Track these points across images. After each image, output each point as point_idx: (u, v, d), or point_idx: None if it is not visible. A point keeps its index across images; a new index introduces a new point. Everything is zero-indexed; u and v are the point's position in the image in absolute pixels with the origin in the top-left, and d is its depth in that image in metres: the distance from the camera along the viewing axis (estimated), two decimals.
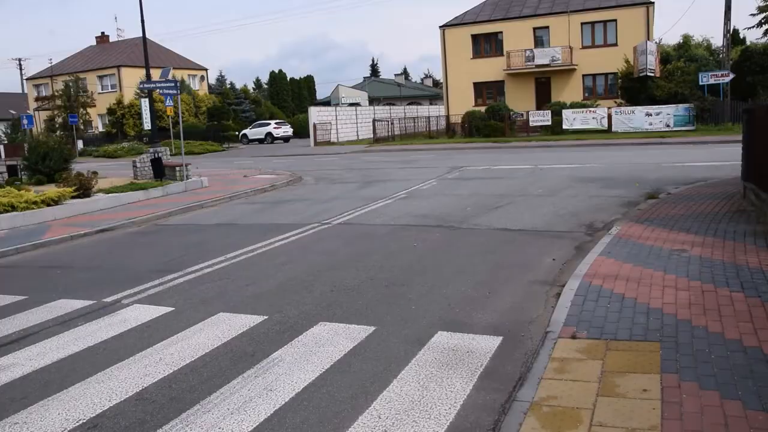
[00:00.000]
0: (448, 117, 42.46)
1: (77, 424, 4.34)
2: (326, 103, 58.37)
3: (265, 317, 6.31)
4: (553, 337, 5.20)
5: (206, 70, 70.12)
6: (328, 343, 5.53)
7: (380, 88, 72.72)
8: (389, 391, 4.53)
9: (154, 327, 6.29)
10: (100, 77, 62.05)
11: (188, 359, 5.35)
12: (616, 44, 37.87)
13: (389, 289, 7.10)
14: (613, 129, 32.90)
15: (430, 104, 67.01)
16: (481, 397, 4.40)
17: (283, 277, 7.95)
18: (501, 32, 41.22)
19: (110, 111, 57.04)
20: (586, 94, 39.43)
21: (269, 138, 51.60)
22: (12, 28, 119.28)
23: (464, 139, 36.87)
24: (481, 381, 4.63)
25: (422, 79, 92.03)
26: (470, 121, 37.34)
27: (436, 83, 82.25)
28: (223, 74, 74.97)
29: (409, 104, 65.03)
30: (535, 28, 40.47)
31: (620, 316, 5.53)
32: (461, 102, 41.17)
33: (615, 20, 38.16)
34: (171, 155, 23.04)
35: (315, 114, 44.69)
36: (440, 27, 42.67)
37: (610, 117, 33.26)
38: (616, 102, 35.79)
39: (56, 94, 56.15)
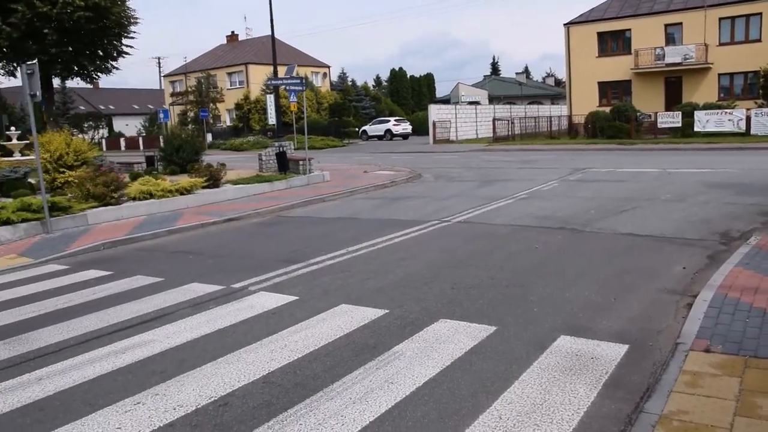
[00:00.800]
0: (570, 117, 41.29)
1: (210, 400, 4.57)
2: (446, 101, 58.35)
3: (386, 311, 6.39)
4: (684, 349, 4.95)
5: (329, 67, 71.96)
6: (448, 340, 5.54)
7: (501, 87, 71.85)
8: (510, 392, 4.48)
9: (279, 314, 6.52)
10: (229, 74, 65.06)
11: (312, 347, 5.51)
12: (759, 40, 35.41)
13: (510, 290, 7.01)
14: (752, 132, 30.71)
15: (552, 104, 65.48)
16: (606, 405, 4.26)
17: (403, 272, 8.03)
18: (629, 30, 39.57)
19: (237, 106, 59.75)
20: (722, 95, 37.09)
21: (388, 135, 52.20)
22: (153, 29, 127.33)
23: (587, 140, 35.72)
24: (606, 389, 4.48)
25: (544, 78, 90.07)
26: (594, 122, 36.12)
27: (558, 82, 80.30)
28: (344, 71, 76.35)
29: (529, 103, 63.87)
30: (666, 25, 38.55)
31: (761, 332, 5.18)
32: (585, 102, 39.91)
33: (760, 14, 35.62)
34: (294, 149, 23.78)
35: (434, 112, 44.78)
36: (565, 25, 41.57)
37: (748, 119, 31.07)
38: (756, 103, 33.45)
39: (189, 90, 59.48)
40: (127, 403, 4.59)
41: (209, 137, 51.08)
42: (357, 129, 54.79)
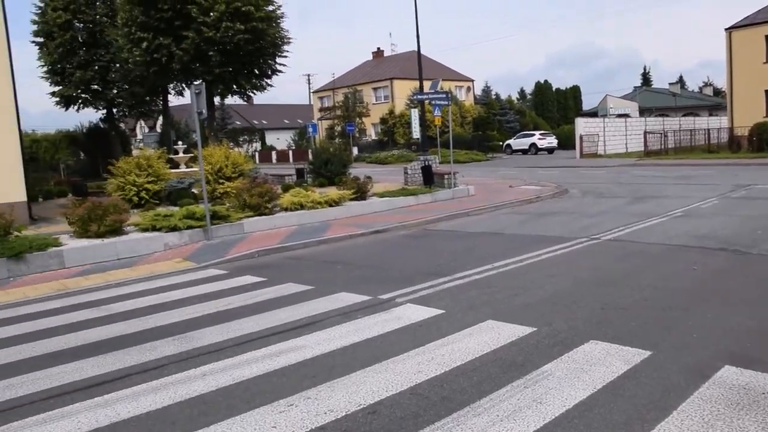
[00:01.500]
0: (731, 129, 38.52)
1: (359, 407, 4.69)
2: (593, 113, 56.38)
3: (534, 329, 6.26)
4: None
5: (472, 81, 71.89)
6: (599, 362, 5.33)
7: (652, 98, 68.41)
8: (668, 423, 4.22)
9: (425, 327, 6.58)
10: (375, 89, 66.71)
11: (458, 362, 5.50)
12: None
13: (666, 313, 6.64)
14: None
15: (710, 115, 61.38)
16: None
17: (551, 289, 7.84)
18: None
19: (382, 120, 61.11)
20: None
21: (533, 149, 51.28)
22: (305, 48, 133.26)
23: (752, 153, 33.16)
24: None
25: (700, 88, 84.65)
26: (760, 134, 33.48)
27: (717, 92, 75.20)
28: (488, 85, 76.24)
29: (684, 115, 60.26)
30: None
31: None
32: (749, 112, 37.07)
33: None
34: (438, 163, 23.96)
35: (581, 125, 43.45)
36: (726, 29, 38.94)
37: None
38: None
39: (336, 105, 61.73)
40: (282, 404, 4.80)
41: (355, 151, 52.62)
42: (501, 143, 54.29)
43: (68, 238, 12.71)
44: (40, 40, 35.49)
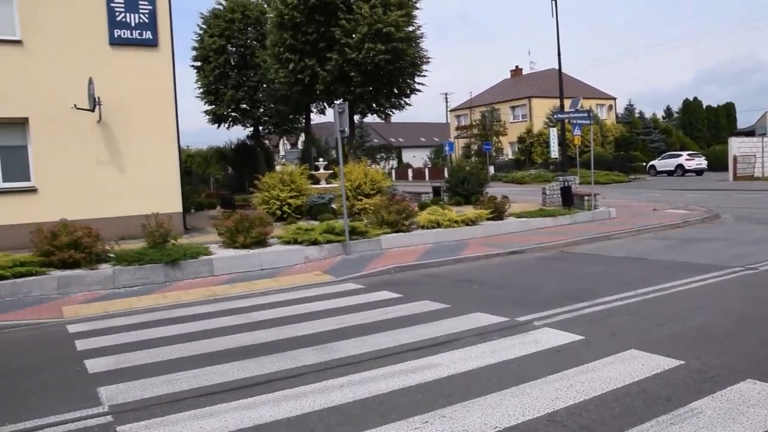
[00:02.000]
0: None
1: (494, 430, 4.61)
2: (749, 132, 52.55)
3: (682, 362, 5.90)
4: None
5: (614, 99, 69.43)
6: (759, 404, 4.93)
7: None
8: None
9: (563, 352, 6.39)
10: (512, 108, 66.02)
11: (598, 391, 5.30)
12: None
13: None
14: None
15: None
16: None
17: (701, 321, 7.37)
18: None
19: (520, 139, 60.30)
20: None
21: (680, 170, 48.56)
22: (443, 67, 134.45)
23: None
24: None
25: None
26: None
27: None
28: (631, 103, 72.69)
29: None
30: None
31: None
32: None
33: None
34: (578, 184, 23.30)
35: (735, 145, 40.64)
36: None
37: None
38: None
39: (473, 123, 61.65)
40: (416, 421, 4.83)
41: (491, 170, 52.24)
42: (644, 164, 51.82)
43: (217, 247, 13.53)
44: (198, 64, 38.25)
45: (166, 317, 9.05)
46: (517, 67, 74.75)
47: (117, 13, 16.15)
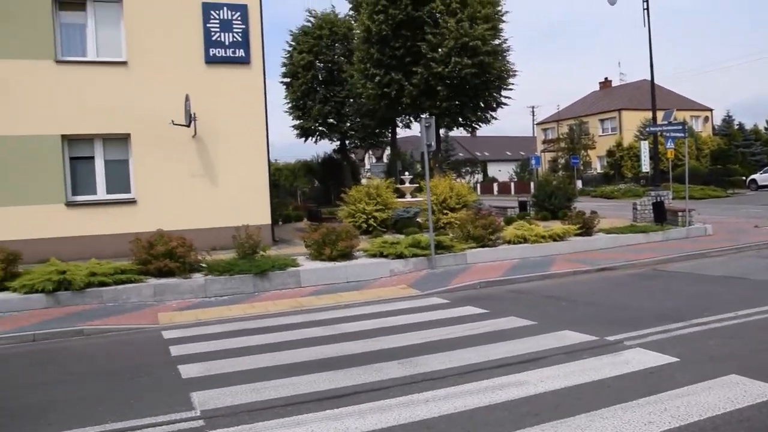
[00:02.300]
0: None
1: None
2: None
3: None
4: None
5: (711, 110, 66.58)
6: None
7: None
8: None
9: (657, 374, 6.14)
10: (601, 120, 64.35)
11: (695, 417, 5.05)
12: None
13: None
14: None
15: None
16: None
17: None
18: None
19: (609, 153, 58.60)
20: None
21: None
22: (530, 80, 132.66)
23: None
24: None
25: None
26: None
27: None
28: (729, 114, 69.31)
29: None
30: None
31: None
32: None
33: None
34: (671, 199, 22.45)
35: None
36: None
37: None
38: None
39: (560, 137, 60.43)
40: None
41: (579, 184, 51.02)
42: (744, 178, 49.33)
43: (304, 259, 13.80)
44: (287, 80, 39.32)
45: (255, 327, 9.29)
46: (606, 78, 72.89)
47: (212, 33, 16.84)
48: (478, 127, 34.76)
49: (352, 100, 37.67)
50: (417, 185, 23.77)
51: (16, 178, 15.47)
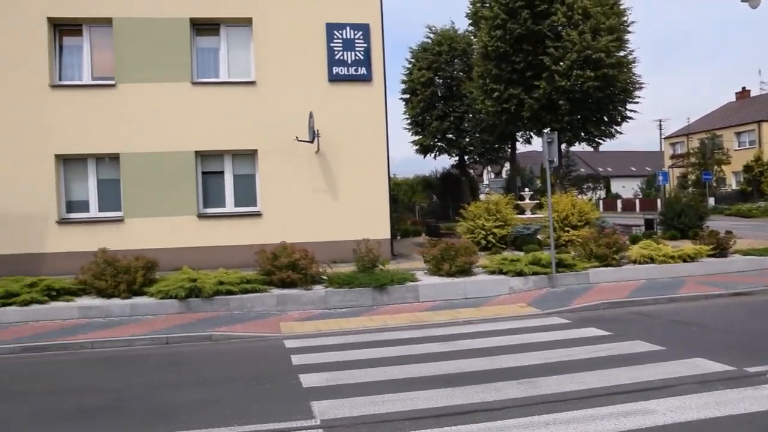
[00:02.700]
0: None
1: None
2: None
3: None
4: None
5: None
6: None
7: None
8: None
9: None
10: (737, 133, 60.45)
11: None
12: None
13: None
14: None
15: None
16: None
17: None
18: None
19: (746, 168, 54.92)
20: None
21: None
22: (658, 91, 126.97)
23: None
24: None
25: None
26: None
27: None
28: None
29: None
30: None
31: None
32: None
33: None
34: None
35: None
36: None
37: None
38: None
39: (691, 151, 57.29)
40: None
41: (711, 201, 48.15)
42: None
43: (422, 274, 13.83)
44: (406, 96, 39.78)
45: (373, 339, 9.41)
46: (743, 88, 68.38)
47: (336, 52, 17.34)
48: (601, 141, 33.61)
49: (471, 115, 37.56)
50: (537, 201, 23.31)
51: (156, 191, 16.62)
